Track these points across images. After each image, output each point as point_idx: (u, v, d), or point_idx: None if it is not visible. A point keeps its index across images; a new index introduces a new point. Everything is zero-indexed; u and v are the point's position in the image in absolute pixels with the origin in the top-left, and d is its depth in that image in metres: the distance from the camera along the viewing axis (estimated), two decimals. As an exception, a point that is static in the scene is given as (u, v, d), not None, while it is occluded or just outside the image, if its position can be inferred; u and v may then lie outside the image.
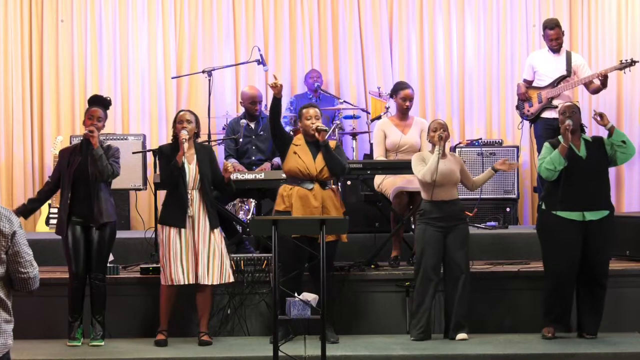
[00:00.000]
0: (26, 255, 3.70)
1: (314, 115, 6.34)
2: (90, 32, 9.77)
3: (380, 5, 10.00)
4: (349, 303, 6.82)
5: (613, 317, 6.70)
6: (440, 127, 6.45)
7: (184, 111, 6.50)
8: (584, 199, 6.26)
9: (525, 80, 8.31)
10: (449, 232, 6.38)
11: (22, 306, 6.42)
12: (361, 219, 7.67)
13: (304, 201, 6.26)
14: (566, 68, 8.04)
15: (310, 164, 6.29)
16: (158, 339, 6.31)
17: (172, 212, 6.29)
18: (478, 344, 6.26)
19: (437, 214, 6.37)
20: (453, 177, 6.43)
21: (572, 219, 6.26)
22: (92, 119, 6.33)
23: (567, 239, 6.25)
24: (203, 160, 6.35)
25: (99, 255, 6.31)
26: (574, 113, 6.35)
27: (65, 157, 6.37)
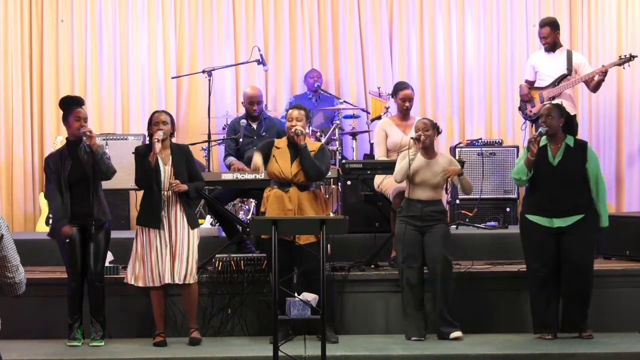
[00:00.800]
0: (13, 260, 3.68)
1: (295, 117, 6.34)
2: (90, 32, 9.77)
3: (380, 5, 10.00)
4: (349, 303, 6.81)
5: (613, 317, 6.70)
6: (423, 127, 6.40)
7: (159, 112, 6.50)
8: (552, 206, 6.26)
9: (527, 80, 8.30)
10: (425, 232, 6.36)
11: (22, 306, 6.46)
12: (361, 219, 7.67)
13: (279, 203, 6.29)
14: (567, 67, 8.03)
15: (286, 167, 6.31)
16: (157, 342, 6.31)
17: (147, 213, 6.32)
18: (478, 344, 6.26)
19: (413, 213, 6.37)
20: (431, 179, 6.39)
21: (541, 224, 6.29)
22: (79, 121, 6.29)
23: (538, 242, 6.29)
24: (178, 161, 6.36)
25: (97, 255, 6.30)
26: (551, 118, 6.30)
27: (56, 162, 6.32)
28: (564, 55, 8.09)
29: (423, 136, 6.34)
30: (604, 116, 9.71)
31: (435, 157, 6.47)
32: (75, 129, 6.28)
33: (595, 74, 7.91)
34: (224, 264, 6.75)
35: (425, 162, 6.39)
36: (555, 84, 8.02)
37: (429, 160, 6.42)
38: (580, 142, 6.48)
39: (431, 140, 6.43)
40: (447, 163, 6.48)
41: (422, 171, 6.37)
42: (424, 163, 6.38)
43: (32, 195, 9.51)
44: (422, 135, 6.35)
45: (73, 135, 6.34)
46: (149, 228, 6.28)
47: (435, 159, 6.46)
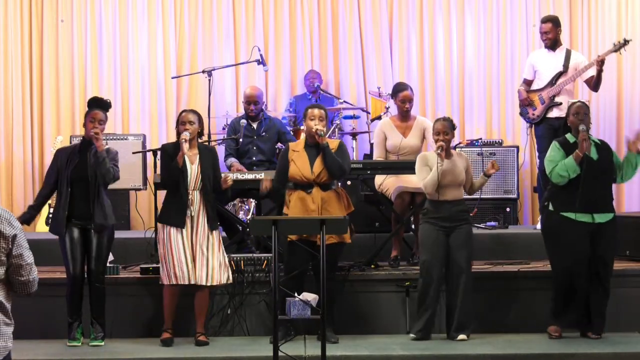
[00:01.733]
0: (28, 259, 3.70)
1: (318, 116, 6.32)
2: (90, 32, 9.77)
3: (380, 5, 10.00)
4: (349, 303, 6.81)
5: (613, 317, 6.69)
6: (443, 130, 6.38)
7: (187, 111, 6.48)
8: (593, 202, 6.25)
9: (525, 80, 8.26)
10: (451, 232, 6.36)
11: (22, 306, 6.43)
12: (361, 219, 7.65)
13: (302, 204, 6.27)
14: (563, 64, 8.01)
15: (306, 169, 6.29)
16: (164, 338, 6.30)
17: (172, 211, 6.29)
18: (478, 344, 6.26)
19: (441, 214, 6.36)
20: (457, 178, 6.41)
21: (582, 221, 6.25)
22: (93, 122, 6.31)
23: (576, 240, 6.23)
24: (205, 162, 6.35)
25: (98, 257, 6.30)
26: (586, 115, 6.34)
27: (63, 157, 6.35)
28: (563, 54, 8.08)
29: (444, 143, 6.33)
30: (604, 116, 9.72)
31: (452, 157, 6.48)
32: (88, 130, 6.30)
33: (591, 65, 7.87)
34: (224, 264, 6.74)
35: (448, 163, 6.39)
36: (553, 82, 8.00)
37: (450, 160, 6.42)
38: (603, 141, 6.57)
39: (450, 140, 6.44)
40: (464, 160, 6.54)
41: (447, 172, 6.36)
42: (447, 164, 6.37)
43: (32, 195, 9.48)
44: (443, 142, 6.32)
45: (88, 135, 6.34)
46: (170, 227, 6.26)
47: (454, 159, 6.48)
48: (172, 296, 6.31)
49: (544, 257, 6.94)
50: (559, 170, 6.26)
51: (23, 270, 3.67)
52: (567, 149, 6.32)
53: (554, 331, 6.38)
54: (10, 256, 3.63)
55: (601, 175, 6.29)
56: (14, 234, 3.64)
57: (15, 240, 3.63)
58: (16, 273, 3.67)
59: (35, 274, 3.73)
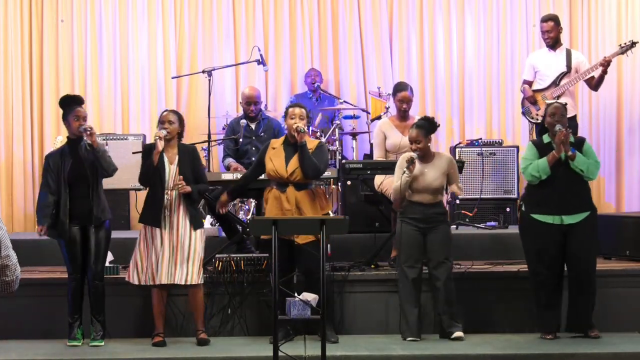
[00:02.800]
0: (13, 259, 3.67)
1: (298, 114, 6.32)
2: (90, 32, 9.77)
3: (380, 5, 10.00)
4: (349, 303, 6.81)
5: (613, 317, 6.69)
6: (415, 139, 6.31)
7: (167, 111, 6.53)
8: (562, 203, 6.24)
9: (525, 81, 8.26)
10: (427, 232, 6.36)
11: (22, 306, 6.46)
12: (361, 219, 7.67)
13: (278, 202, 6.29)
14: (566, 64, 8.01)
15: (281, 167, 6.30)
16: (155, 342, 6.31)
17: (149, 211, 6.33)
18: (478, 344, 6.26)
19: (415, 214, 6.36)
20: (430, 185, 6.36)
21: (550, 222, 6.25)
22: (79, 120, 6.30)
23: (545, 242, 6.25)
24: (184, 161, 6.36)
25: (97, 254, 6.31)
26: (562, 116, 6.31)
27: (55, 161, 6.33)
28: (564, 54, 8.08)
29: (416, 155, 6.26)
30: (604, 116, 9.71)
31: (432, 160, 6.42)
32: (75, 128, 6.29)
33: (597, 66, 7.87)
34: (224, 264, 6.75)
35: (424, 168, 6.36)
36: (557, 83, 8.00)
37: (427, 165, 6.39)
38: (579, 139, 6.51)
39: (425, 147, 6.35)
40: (446, 163, 6.44)
41: (421, 178, 6.34)
42: (422, 169, 6.35)
43: (32, 195, 9.50)
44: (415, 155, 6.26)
45: (73, 134, 6.34)
46: (151, 227, 6.27)
47: (433, 162, 6.42)
48: (158, 298, 6.32)
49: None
50: (531, 170, 6.27)
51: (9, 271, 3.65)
52: (540, 148, 6.32)
53: (547, 335, 6.37)
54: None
55: (571, 176, 6.24)
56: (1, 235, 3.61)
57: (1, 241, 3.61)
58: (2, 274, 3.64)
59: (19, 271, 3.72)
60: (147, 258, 6.27)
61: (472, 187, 8.79)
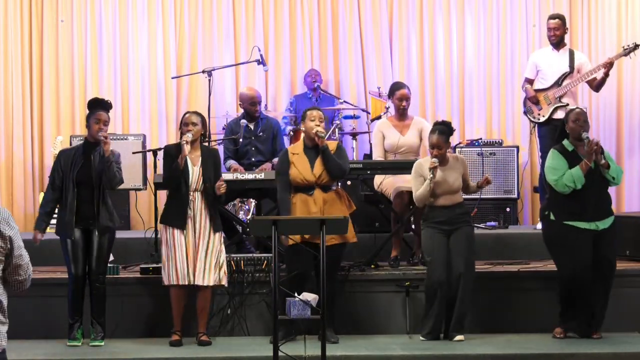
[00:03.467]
0: (26, 258, 3.72)
1: (317, 117, 6.34)
2: (90, 32, 9.77)
3: (380, 5, 10.00)
4: (349, 303, 6.81)
5: (613, 317, 6.69)
6: (436, 144, 6.33)
7: (190, 113, 6.50)
8: (595, 210, 6.26)
9: (527, 79, 8.25)
10: (451, 234, 6.37)
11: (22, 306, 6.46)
12: (361, 219, 7.66)
13: (305, 206, 6.29)
14: (569, 64, 8.00)
15: (307, 171, 6.31)
16: (173, 340, 6.31)
17: (173, 213, 6.31)
18: (478, 344, 6.26)
19: (439, 218, 6.37)
20: (451, 187, 6.40)
21: (586, 228, 6.25)
22: (99, 123, 6.30)
23: (581, 248, 6.23)
24: (207, 163, 6.36)
25: (99, 258, 6.31)
26: (585, 122, 6.34)
27: (67, 159, 6.33)
28: (567, 54, 8.07)
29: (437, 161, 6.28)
30: (604, 116, 9.72)
31: (448, 163, 6.45)
32: (94, 132, 6.29)
33: (599, 68, 7.86)
34: (224, 264, 6.75)
35: (443, 172, 6.38)
36: (559, 83, 7.99)
37: (445, 168, 6.40)
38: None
39: (445, 153, 6.40)
40: (461, 164, 6.51)
41: (442, 182, 6.36)
42: (441, 175, 6.36)
43: (32, 195, 9.51)
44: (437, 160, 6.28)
45: (91, 137, 6.34)
46: (173, 228, 6.27)
47: (450, 165, 6.45)
48: (178, 298, 6.31)
49: (543, 257, 6.96)
50: (565, 181, 6.23)
51: (21, 270, 3.70)
52: (567, 156, 6.31)
53: (559, 333, 6.38)
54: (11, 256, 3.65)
55: (598, 182, 6.28)
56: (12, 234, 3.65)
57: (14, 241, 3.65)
58: (15, 273, 3.69)
59: (30, 270, 3.77)
60: (168, 258, 6.25)
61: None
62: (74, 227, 6.27)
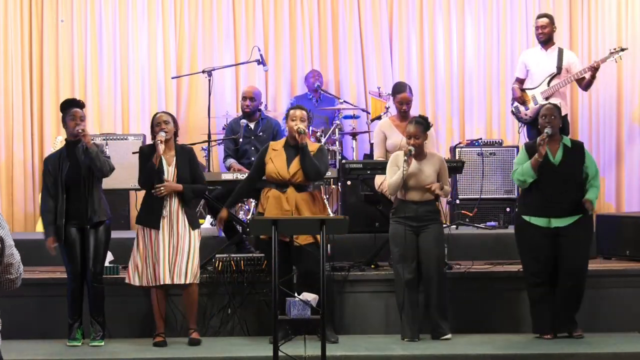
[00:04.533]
0: (17, 256, 3.71)
1: (299, 117, 6.35)
2: (90, 32, 9.77)
3: (380, 5, 10.00)
4: (349, 303, 6.81)
5: (613, 317, 6.70)
6: (414, 134, 6.32)
7: (160, 113, 6.52)
8: (551, 206, 6.25)
9: (517, 78, 8.27)
10: (420, 232, 6.35)
11: (22, 306, 6.46)
12: (361, 219, 7.66)
13: (277, 203, 6.29)
14: (556, 65, 8.01)
15: (283, 168, 6.32)
16: (156, 341, 6.31)
17: (147, 213, 6.33)
18: (478, 344, 6.26)
19: (408, 213, 6.34)
20: (423, 182, 6.35)
21: (538, 225, 6.27)
22: (75, 119, 6.30)
23: (535, 243, 6.28)
24: (182, 162, 6.37)
25: (96, 255, 6.30)
26: (553, 118, 6.31)
27: (54, 163, 6.33)
28: (555, 53, 8.08)
29: (413, 149, 6.27)
30: (603, 115, 9.72)
31: (425, 158, 6.43)
32: (72, 128, 6.30)
33: (586, 71, 7.89)
34: (224, 264, 6.76)
35: (417, 165, 6.36)
36: (547, 83, 8.00)
37: (421, 162, 6.38)
38: (576, 142, 6.54)
39: (422, 143, 6.37)
40: (439, 162, 6.45)
41: (414, 175, 6.34)
42: (415, 167, 6.34)
43: (32, 195, 9.51)
44: (413, 148, 6.27)
45: (72, 135, 6.35)
46: (149, 228, 6.28)
47: (426, 160, 6.42)
48: (158, 299, 6.31)
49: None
50: (517, 175, 6.35)
51: (12, 269, 3.69)
52: (532, 152, 6.32)
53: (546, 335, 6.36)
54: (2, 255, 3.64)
55: (562, 180, 6.26)
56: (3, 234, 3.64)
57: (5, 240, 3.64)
58: (7, 272, 3.68)
59: (22, 269, 3.76)
60: (145, 259, 6.27)
61: (472, 187, 8.78)
62: (69, 226, 6.27)
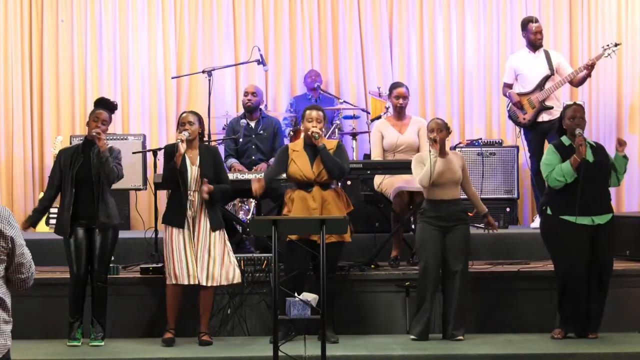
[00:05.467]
0: (28, 256, 3.74)
1: (315, 118, 6.32)
2: (90, 32, 9.77)
3: (380, 5, 10.00)
4: (349, 303, 6.81)
5: (613, 317, 6.69)
6: (436, 127, 6.37)
7: (187, 113, 6.50)
8: (592, 204, 6.23)
9: (505, 83, 8.30)
10: (448, 232, 6.35)
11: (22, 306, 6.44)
12: (361, 219, 7.66)
13: (303, 203, 6.28)
14: (548, 67, 8.01)
15: (307, 168, 6.31)
16: (166, 338, 6.30)
17: (173, 212, 6.32)
18: (478, 344, 6.26)
19: (437, 213, 6.35)
20: (453, 176, 6.39)
21: (582, 224, 6.24)
22: (97, 121, 6.30)
23: (576, 243, 6.21)
24: (206, 162, 6.35)
25: (102, 257, 6.31)
26: (581, 119, 6.30)
27: (67, 157, 6.35)
28: (542, 55, 8.09)
29: (439, 137, 6.32)
30: (604, 116, 9.72)
31: (448, 155, 6.45)
32: (90, 129, 6.31)
33: (582, 69, 7.89)
34: (224, 264, 6.75)
35: (444, 161, 6.37)
36: (541, 86, 8.00)
37: (446, 159, 6.40)
38: (598, 144, 6.54)
39: (444, 139, 6.40)
40: (460, 159, 6.50)
41: (444, 172, 6.34)
42: (443, 162, 6.36)
43: (32, 195, 9.51)
44: (438, 136, 6.32)
45: (89, 135, 6.35)
46: (173, 227, 6.27)
47: (450, 157, 6.45)
48: (174, 296, 6.31)
49: (543, 257, 6.95)
50: (555, 175, 6.24)
51: (24, 268, 3.72)
52: (562, 152, 6.30)
53: (557, 333, 6.36)
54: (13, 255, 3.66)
55: (598, 178, 6.27)
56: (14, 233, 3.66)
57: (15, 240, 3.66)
58: (18, 271, 3.70)
59: (33, 269, 3.79)
60: (168, 258, 6.27)
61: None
62: (77, 227, 6.28)
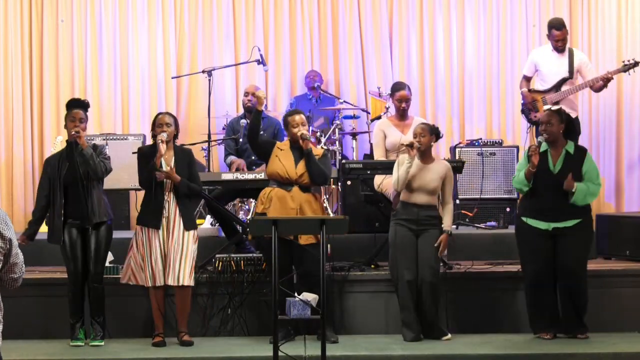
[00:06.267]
0: (20, 256, 3.76)
1: (299, 122, 6.39)
2: (90, 32, 9.77)
3: (380, 5, 9.99)
4: (349, 303, 6.81)
5: (613, 317, 6.70)
6: (420, 132, 6.36)
7: (163, 114, 6.53)
8: (551, 212, 6.25)
9: (525, 76, 8.27)
10: (419, 235, 6.35)
11: (22, 306, 6.47)
12: (361, 219, 7.66)
13: (282, 202, 6.31)
14: (568, 69, 8.00)
15: (291, 168, 6.34)
16: (155, 342, 6.32)
17: (148, 213, 6.34)
18: (478, 344, 6.27)
19: (409, 216, 6.35)
20: (427, 185, 6.35)
21: (538, 227, 6.28)
22: (74, 121, 6.31)
23: (534, 244, 6.29)
24: (181, 163, 6.38)
25: (97, 256, 6.32)
26: (550, 125, 6.28)
27: (53, 165, 6.36)
28: (566, 55, 8.06)
29: (417, 143, 6.31)
30: (604, 117, 9.71)
31: (432, 163, 6.43)
32: (69, 130, 6.31)
33: (598, 80, 7.89)
34: (224, 264, 6.76)
35: (423, 168, 6.37)
36: (558, 88, 7.99)
37: (426, 166, 6.39)
38: (580, 149, 6.48)
39: (427, 145, 6.38)
40: (445, 169, 6.44)
41: (419, 176, 6.34)
42: (421, 168, 6.36)
43: (32, 195, 9.48)
44: (416, 143, 6.31)
45: (71, 136, 6.35)
46: (149, 228, 6.28)
47: (432, 165, 6.42)
48: (156, 299, 6.33)
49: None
50: (514, 182, 6.46)
51: (17, 268, 3.75)
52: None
53: (545, 335, 6.36)
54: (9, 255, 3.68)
55: (560, 187, 6.21)
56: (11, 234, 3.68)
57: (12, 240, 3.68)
58: (11, 271, 3.73)
59: (24, 269, 3.83)
60: (143, 259, 6.27)
61: (472, 187, 8.78)
62: (69, 227, 6.29)
